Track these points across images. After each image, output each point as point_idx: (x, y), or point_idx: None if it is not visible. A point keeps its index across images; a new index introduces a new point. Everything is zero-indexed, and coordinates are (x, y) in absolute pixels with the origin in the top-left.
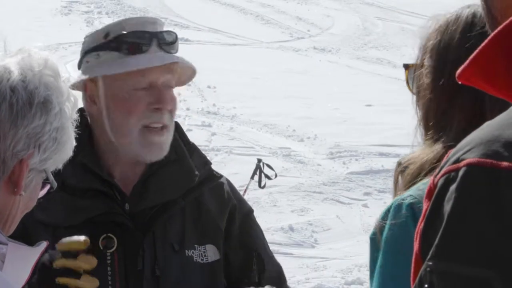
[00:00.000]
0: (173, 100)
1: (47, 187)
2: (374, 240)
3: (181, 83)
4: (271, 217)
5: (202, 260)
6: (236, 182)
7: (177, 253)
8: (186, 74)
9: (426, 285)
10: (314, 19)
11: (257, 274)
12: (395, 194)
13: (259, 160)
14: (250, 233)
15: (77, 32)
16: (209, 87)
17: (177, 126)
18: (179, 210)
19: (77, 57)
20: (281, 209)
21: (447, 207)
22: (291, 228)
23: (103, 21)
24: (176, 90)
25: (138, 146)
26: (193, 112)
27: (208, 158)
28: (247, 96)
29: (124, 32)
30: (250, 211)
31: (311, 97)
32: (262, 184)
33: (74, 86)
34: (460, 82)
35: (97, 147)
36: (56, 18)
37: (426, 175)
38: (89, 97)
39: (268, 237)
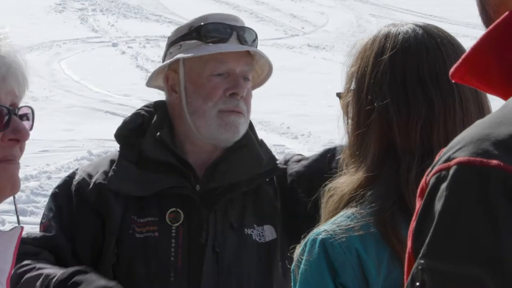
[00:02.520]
0: (248, 91)
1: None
2: (294, 272)
3: (258, 84)
4: None
5: (260, 239)
6: None
7: (235, 231)
8: (263, 73)
9: (417, 283)
10: (308, 17)
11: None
12: (322, 220)
13: None
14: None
15: (71, 29)
16: None
17: (250, 124)
18: (241, 195)
19: (72, 54)
20: None
21: (438, 205)
22: None
23: (97, 18)
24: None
25: (215, 126)
26: None
27: None
28: None
29: (206, 23)
30: (297, 160)
31: (306, 95)
32: None
33: (155, 85)
34: (454, 81)
35: (177, 137)
36: (50, 16)
37: (345, 206)
38: (170, 88)
39: None
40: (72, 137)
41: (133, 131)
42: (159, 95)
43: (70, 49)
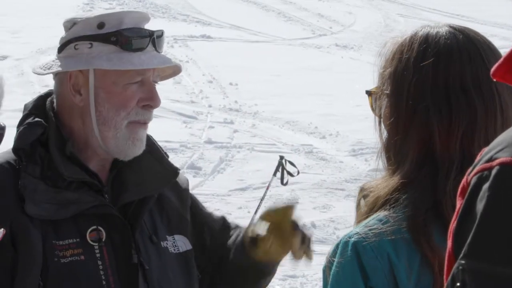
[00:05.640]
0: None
1: None
2: (325, 273)
3: (162, 78)
4: None
5: (174, 250)
6: (258, 179)
7: (156, 245)
8: (165, 73)
9: (458, 284)
10: (336, 16)
11: (209, 238)
12: (356, 220)
13: (281, 157)
14: (198, 209)
15: None
16: (231, 84)
17: None
18: None
19: None
20: (303, 206)
21: (480, 206)
22: (313, 225)
23: None
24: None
25: (123, 139)
26: (215, 109)
27: (230, 155)
28: (269, 93)
29: (124, 27)
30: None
31: (333, 94)
32: (284, 181)
33: (53, 73)
34: (495, 79)
35: (76, 142)
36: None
37: (379, 209)
38: (72, 87)
39: None
40: None
41: (32, 143)
42: (187, 95)
43: None
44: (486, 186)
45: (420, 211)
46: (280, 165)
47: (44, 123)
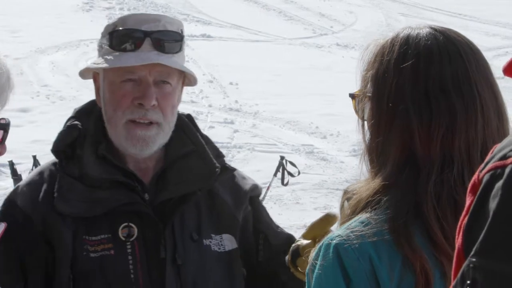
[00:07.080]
0: (166, 95)
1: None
2: (308, 276)
3: (190, 82)
4: (294, 215)
5: (219, 249)
6: (259, 179)
7: (196, 242)
8: (192, 75)
9: (468, 282)
10: (337, 15)
11: (263, 253)
12: (339, 223)
13: (282, 158)
14: (260, 218)
15: (99, 28)
16: (231, 83)
17: (190, 118)
18: (194, 201)
19: None
20: (304, 207)
21: (493, 204)
22: None
23: None
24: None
25: (123, 138)
26: (215, 109)
27: (231, 155)
28: (269, 92)
29: (119, 29)
30: (258, 195)
31: (334, 94)
32: (285, 182)
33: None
34: (506, 76)
35: (113, 143)
36: (77, 15)
37: (361, 211)
38: (96, 90)
39: None
40: None
41: (71, 145)
42: (187, 94)
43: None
44: (499, 184)
45: (401, 213)
46: (281, 165)
47: (80, 126)
